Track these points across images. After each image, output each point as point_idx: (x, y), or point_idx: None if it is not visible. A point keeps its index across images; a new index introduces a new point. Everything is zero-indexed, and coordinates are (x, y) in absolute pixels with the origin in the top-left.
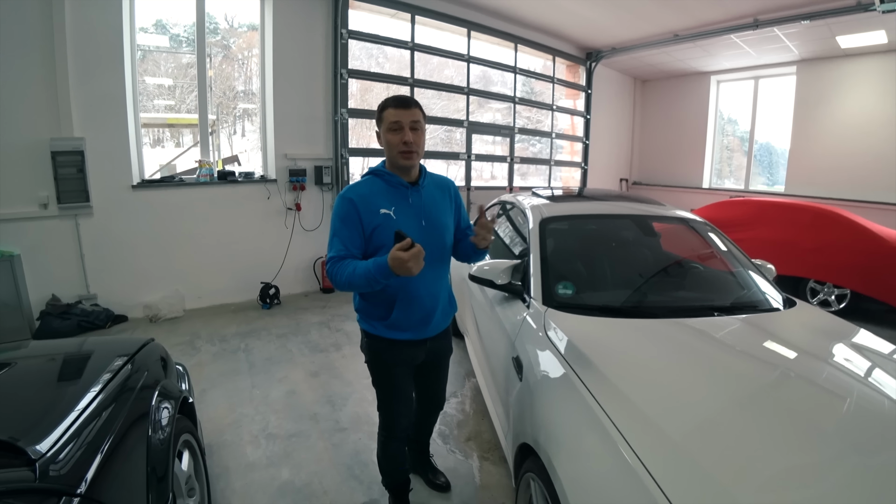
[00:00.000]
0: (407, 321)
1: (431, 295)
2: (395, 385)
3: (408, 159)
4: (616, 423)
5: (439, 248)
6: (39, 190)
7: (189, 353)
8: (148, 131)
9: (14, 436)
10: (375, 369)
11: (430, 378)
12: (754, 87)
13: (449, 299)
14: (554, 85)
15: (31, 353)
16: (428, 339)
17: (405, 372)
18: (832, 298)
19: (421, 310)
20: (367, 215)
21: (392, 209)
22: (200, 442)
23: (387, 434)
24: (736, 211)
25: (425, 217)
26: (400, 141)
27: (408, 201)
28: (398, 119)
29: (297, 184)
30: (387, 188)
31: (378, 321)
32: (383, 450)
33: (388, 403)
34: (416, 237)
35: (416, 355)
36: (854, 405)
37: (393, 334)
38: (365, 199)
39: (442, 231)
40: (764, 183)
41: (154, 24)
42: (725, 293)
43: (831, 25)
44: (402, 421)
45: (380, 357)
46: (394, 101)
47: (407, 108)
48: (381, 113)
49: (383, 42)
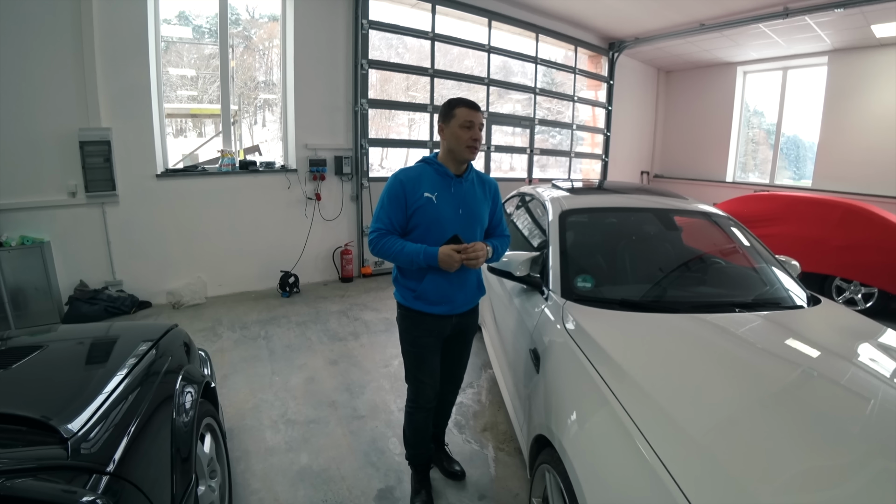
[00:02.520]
0: (433, 295)
1: (460, 277)
2: (421, 356)
3: (473, 154)
4: (633, 418)
5: (471, 236)
6: (68, 179)
7: (211, 340)
8: (171, 121)
9: (46, 415)
10: (405, 339)
11: (453, 352)
12: (782, 79)
13: (478, 283)
14: (575, 75)
15: (60, 337)
16: (455, 315)
17: (433, 343)
18: (859, 297)
19: (447, 286)
20: (411, 196)
21: (435, 194)
22: (222, 425)
23: (414, 405)
24: (761, 206)
25: (463, 206)
26: (471, 137)
27: (450, 190)
28: (471, 119)
29: (317, 174)
30: (434, 176)
31: (409, 292)
32: (409, 420)
33: (416, 372)
34: (452, 223)
35: (443, 328)
36: (879, 407)
37: (422, 306)
38: (413, 182)
39: (475, 221)
40: (790, 177)
41: (177, 15)
42: (747, 289)
43: (866, 13)
44: (428, 391)
45: (410, 327)
46: (467, 102)
47: (478, 110)
48: (453, 110)
49: (404, 32)
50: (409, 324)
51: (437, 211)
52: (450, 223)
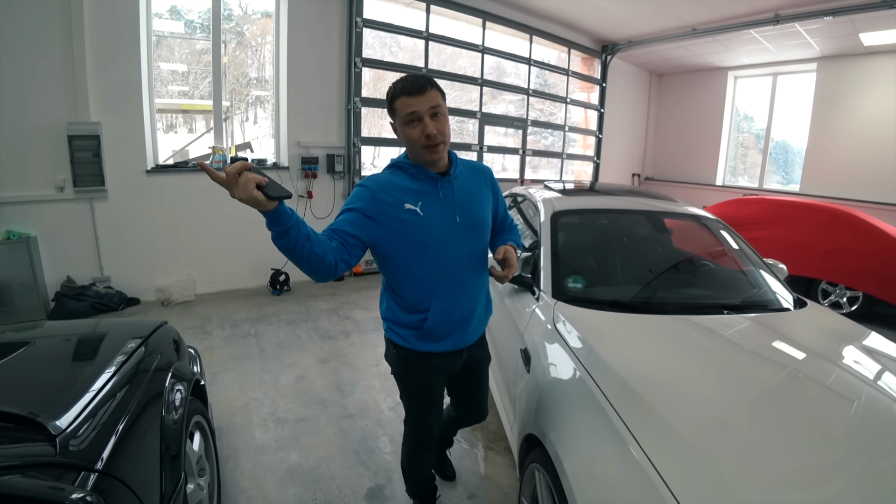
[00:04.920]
0: (443, 329)
1: (470, 299)
2: (429, 398)
3: (434, 153)
4: (623, 418)
5: (478, 246)
6: (56, 173)
7: (200, 337)
8: (162, 117)
9: (34, 412)
10: (406, 384)
11: (470, 388)
12: (772, 84)
13: (487, 303)
14: (568, 77)
15: (47, 333)
16: (464, 348)
17: (440, 383)
18: (844, 300)
19: (459, 315)
20: (387, 207)
21: (419, 204)
22: (211, 423)
23: (419, 446)
24: (750, 209)
25: (460, 212)
26: (421, 134)
27: (438, 195)
28: (415, 108)
29: (309, 172)
30: (412, 182)
31: (410, 330)
32: (412, 460)
33: (422, 416)
34: (450, 237)
35: (452, 366)
36: (862, 408)
37: (427, 346)
38: (387, 190)
39: (481, 226)
40: (778, 181)
41: (169, 9)
42: (736, 291)
43: (855, 22)
44: (435, 432)
45: (412, 371)
46: (404, 86)
47: (421, 92)
48: (393, 103)
49: (398, 31)
50: (412, 367)
51: (428, 226)
52: (447, 238)
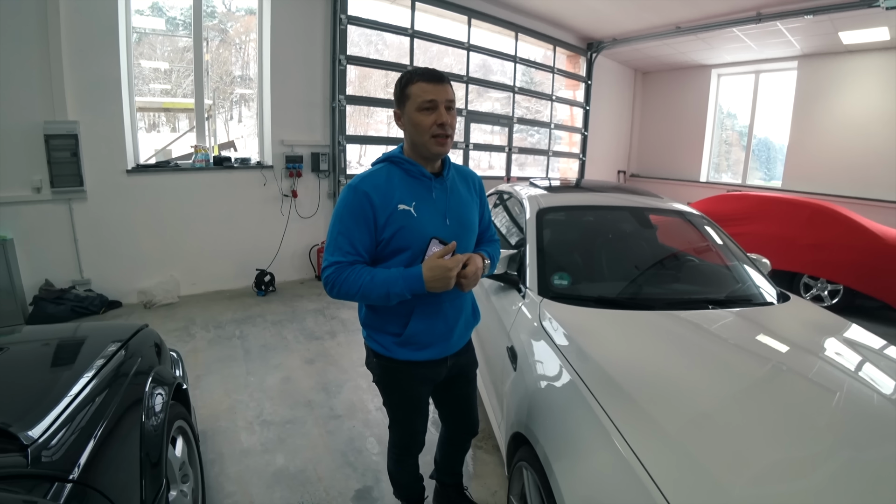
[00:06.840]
0: (425, 336)
1: (455, 306)
2: (414, 407)
3: (442, 146)
4: (609, 414)
5: (466, 251)
6: (33, 174)
7: (184, 340)
8: (143, 115)
9: (6, 421)
10: (389, 393)
11: (457, 398)
12: (755, 82)
13: (473, 309)
14: (554, 75)
15: (24, 339)
16: (449, 356)
17: (425, 392)
18: (825, 294)
19: (443, 323)
20: (382, 211)
21: (413, 204)
22: (194, 428)
23: (402, 452)
24: (733, 205)
25: (451, 215)
26: (434, 122)
27: (431, 196)
28: (433, 97)
29: (293, 170)
30: (406, 179)
31: (391, 337)
32: (398, 465)
33: (407, 424)
34: (439, 237)
35: (436, 374)
36: (845, 399)
37: (409, 354)
38: (381, 192)
39: (468, 231)
40: (761, 178)
41: (150, 6)
42: (720, 286)
43: (834, 21)
44: (421, 437)
45: (394, 381)
46: (424, 74)
47: (440, 82)
48: (406, 88)
49: (383, 28)
50: (395, 377)
51: (421, 227)
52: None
